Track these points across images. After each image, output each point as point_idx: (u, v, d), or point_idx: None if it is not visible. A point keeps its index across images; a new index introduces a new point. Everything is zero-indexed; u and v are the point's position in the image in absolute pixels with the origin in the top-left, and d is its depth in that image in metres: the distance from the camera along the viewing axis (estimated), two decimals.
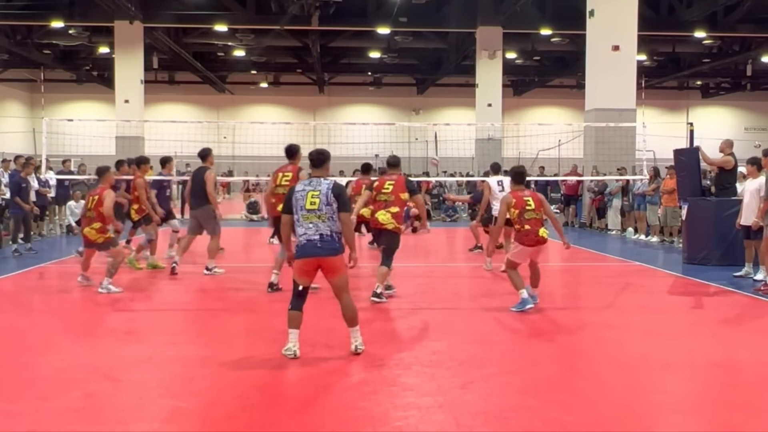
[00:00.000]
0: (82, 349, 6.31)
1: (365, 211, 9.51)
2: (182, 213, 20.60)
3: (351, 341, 5.91)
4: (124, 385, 5.21)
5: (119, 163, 12.71)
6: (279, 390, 5.12)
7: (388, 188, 8.50)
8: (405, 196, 8.53)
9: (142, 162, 11.09)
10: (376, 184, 8.71)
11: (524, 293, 7.76)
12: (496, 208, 11.01)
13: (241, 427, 4.39)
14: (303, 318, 5.85)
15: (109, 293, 8.49)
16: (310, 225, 5.75)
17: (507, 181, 10.71)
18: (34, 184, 14.32)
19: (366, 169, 11.20)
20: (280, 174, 8.82)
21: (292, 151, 8.90)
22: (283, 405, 4.81)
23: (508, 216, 7.96)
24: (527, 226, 7.73)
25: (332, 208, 5.79)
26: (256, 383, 5.20)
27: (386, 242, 8.40)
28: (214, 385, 5.20)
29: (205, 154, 10.55)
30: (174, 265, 10.27)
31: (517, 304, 7.77)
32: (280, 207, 8.32)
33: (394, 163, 8.86)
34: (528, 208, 7.74)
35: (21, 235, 13.19)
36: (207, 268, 10.32)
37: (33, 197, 14.38)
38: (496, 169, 12.01)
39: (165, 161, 12.38)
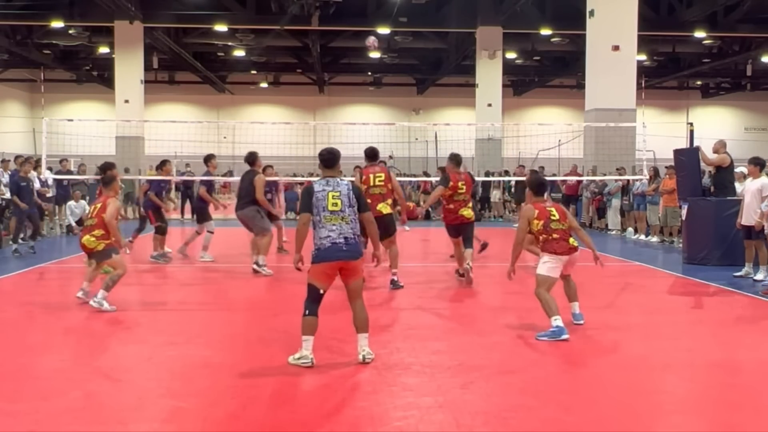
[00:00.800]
0: (82, 349, 6.31)
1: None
2: (182, 213, 20.63)
3: (359, 349, 5.68)
4: (124, 385, 5.21)
5: (163, 163, 12.80)
6: (279, 390, 5.11)
7: (462, 188, 9.54)
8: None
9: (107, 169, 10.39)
10: (451, 184, 9.51)
11: (558, 320, 6.55)
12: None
13: (242, 427, 4.39)
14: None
15: (101, 308, 7.65)
16: (334, 227, 5.63)
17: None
18: (37, 183, 14.39)
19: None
20: (372, 175, 9.27)
21: (375, 154, 9.54)
22: (283, 405, 4.81)
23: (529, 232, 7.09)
24: (555, 235, 6.90)
25: (354, 209, 5.73)
26: (255, 383, 5.20)
27: (470, 232, 9.71)
28: (214, 385, 5.20)
29: (252, 160, 10.73)
30: (255, 267, 10.46)
31: (548, 331, 6.54)
32: (381, 206, 9.02)
33: (460, 161, 9.90)
34: (553, 218, 6.98)
35: (22, 235, 13.21)
36: (257, 264, 10.38)
37: (53, 193, 14.53)
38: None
39: (208, 159, 12.66)
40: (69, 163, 19.35)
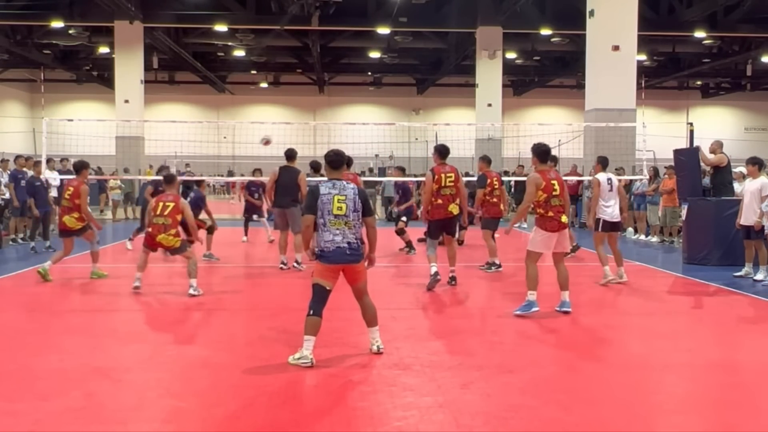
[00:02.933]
0: (82, 349, 6.31)
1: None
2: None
3: (371, 341, 5.91)
4: (124, 385, 5.20)
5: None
6: (279, 390, 5.11)
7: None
8: None
9: (83, 167, 10.28)
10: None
11: (533, 296, 7.37)
12: (608, 210, 9.75)
13: (242, 427, 4.39)
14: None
15: (198, 294, 8.54)
16: (337, 231, 5.67)
17: (615, 179, 10.10)
18: (55, 182, 14.65)
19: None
20: (443, 175, 8.99)
21: (446, 151, 9.22)
22: (283, 405, 4.80)
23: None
24: (551, 213, 7.33)
25: (358, 214, 5.76)
26: (256, 383, 5.20)
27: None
28: (214, 385, 5.20)
29: (291, 155, 10.87)
30: (282, 266, 10.83)
31: (522, 305, 7.41)
32: (451, 207, 8.88)
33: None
34: (554, 193, 7.34)
35: (21, 235, 13.23)
36: (297, 262, 10.69)
37: (54, 193, 14.73)
38: (605, 163, 10.35)
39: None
40: (69, 162, 19.32)
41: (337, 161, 5.89)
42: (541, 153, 7.60)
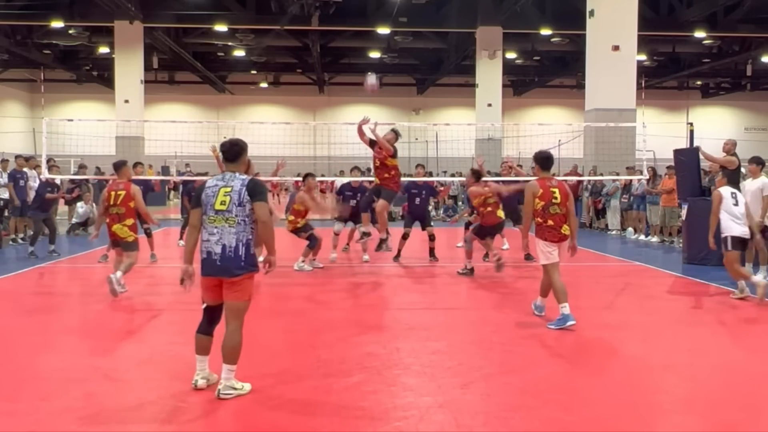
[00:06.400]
0: (82, 349, 6.31)
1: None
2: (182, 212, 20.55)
3: (221, 379, 4.87)
4: (124, 385, 5.20)
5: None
6: (279, 390, 5.11)
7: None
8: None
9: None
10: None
11: (566, 308, 6.97)
12: (730, 224, 8.93)
13: (241, 427, 4.39)
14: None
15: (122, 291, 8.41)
16: (215, 230, 4.81)
17: (740, 196, 9.21)
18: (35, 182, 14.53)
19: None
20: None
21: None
22: (284, 405, 4.80)
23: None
24: (551, 222, 7.11)
25: (245, 209, 4.82)
26: (255, 383, 5.19)
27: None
28: (214, 385, 5.19)
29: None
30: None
31: (557, 320, 7.01)
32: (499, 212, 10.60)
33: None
34: (554, 201, 7.12)
35: (21, 235, 13.20)
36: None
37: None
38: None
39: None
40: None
41: (232, 152, 5.01)
42: (542, 160, 7.36)
